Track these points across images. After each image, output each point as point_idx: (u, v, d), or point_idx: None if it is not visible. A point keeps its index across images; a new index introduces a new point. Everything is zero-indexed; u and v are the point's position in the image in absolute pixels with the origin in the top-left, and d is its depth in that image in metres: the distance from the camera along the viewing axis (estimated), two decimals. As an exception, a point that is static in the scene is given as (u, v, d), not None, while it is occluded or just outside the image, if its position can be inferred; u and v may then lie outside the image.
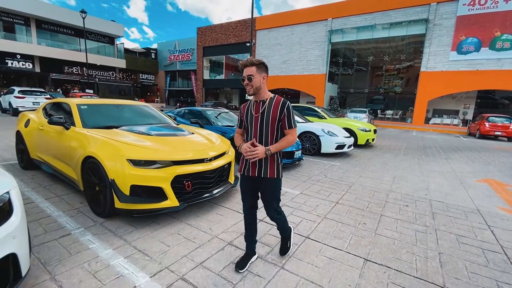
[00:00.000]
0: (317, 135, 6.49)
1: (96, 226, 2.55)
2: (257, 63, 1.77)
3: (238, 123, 2.04)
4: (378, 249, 2.40)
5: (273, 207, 1.95)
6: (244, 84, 1.80)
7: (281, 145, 1.79)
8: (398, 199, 3.80)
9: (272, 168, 1.84)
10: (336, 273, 2.02)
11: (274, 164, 1.84)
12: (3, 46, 25.77)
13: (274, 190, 1.91)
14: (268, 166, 1.83)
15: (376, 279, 1.98)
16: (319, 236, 2.59)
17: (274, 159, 1.85)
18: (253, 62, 1.77)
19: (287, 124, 1.80)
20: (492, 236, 2.79)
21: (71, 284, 1.76)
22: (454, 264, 2.22)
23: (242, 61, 1.79)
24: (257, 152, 1.73)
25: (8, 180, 1.71)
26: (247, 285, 1.84)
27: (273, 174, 1.84)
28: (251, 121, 1.85)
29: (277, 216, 2.00)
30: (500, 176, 5.57)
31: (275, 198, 1.94)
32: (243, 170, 1.92)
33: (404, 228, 2.85)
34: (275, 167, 1.85)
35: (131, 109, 4.05)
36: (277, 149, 1.79)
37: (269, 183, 1.87)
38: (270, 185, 1.88)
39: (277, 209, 1.98)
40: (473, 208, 3.59)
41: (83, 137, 2.93)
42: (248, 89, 1.79)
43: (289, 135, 1.82)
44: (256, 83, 1.77)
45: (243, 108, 1.95)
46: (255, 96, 1.85)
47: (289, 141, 1.81)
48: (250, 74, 1.75)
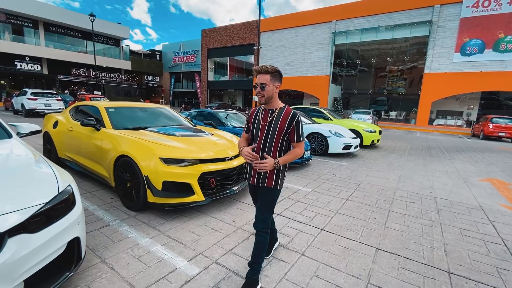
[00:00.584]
0: (325, 136, 6.73)
1: (130, 219, 2.81)
2: (272, 71, 1.69)
3: (245, 127, 1.96)
4: (388, 240, 2.63)
5: (261, 217, 1.81)
6: (255, 92, 1.72)
7: (289, 158, 1.75)
8: (405, 196, 4.03)
9: (270, 178, 1.77)
10: (351, 259, 2.26)
11: (273, 174, 1.77)
12: (12, 49, 26.31)
13: (268, 200, 1.82)
14: (267, 175, 1.77)
15: (387, 264, 2.21)
16: (333, 229, 2.83)
17: (274, 169, 1.76)
18: (268, 69, 1.68)
19: (296, 137, 1.75)
20: (493, 230, 3.01)
21: (121, 266, 2.02)
22: (458, 253, 2.44)
23: (256, 67, 1.71)
24: (265, 165, 1.66)
25: (68, 175, 1.97)
26: (273, 269, 2.09)
27: (271, 184, 1.78)
28: (257, 129, 1.80)
29: (261, 229, 1.81)
30: (502, 175, 5.75)
31: (266, 208, 1.83)
32: (246, 177, 1.91)
33: (411, 222, 3.08)
34: (274, 176, 1.78)
35: (153, 111, 4.32)
36: (285, 162, 1.75)
37: (264, 191, 1.81)
38: (265, 194, 1.82)
39: (264, 221, 1.81)
40: (476, 205, 3.80)
41: (115, 138, 3.20)
42: (259, 98, 1.72)
43: (297, 148, 1.77)
44: (269, 93, 1.70)
45: (251, 114, 1.89)
46: (267, 105, 1.79)
47: (297, 154, 1.77)
48: (264, 83, 1.68)
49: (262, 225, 1.81)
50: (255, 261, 1.82)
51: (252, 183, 1.85)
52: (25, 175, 1.74)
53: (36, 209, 1.51)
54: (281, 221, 2.95)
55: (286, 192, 3.95)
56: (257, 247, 1.82)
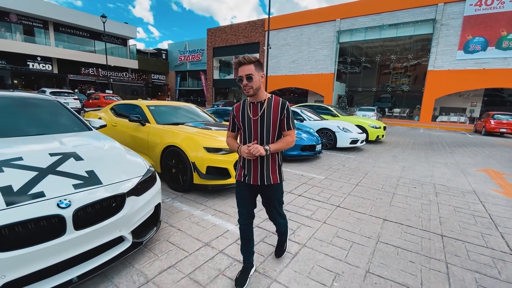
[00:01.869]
0: (333, 131, 7.27)
1: (179, 197, 3.41)
2: (255, 61, 1.61)
3: (230, 126, 1.85)
4: (393, 214, 3.19)
5: (277, 212, 1.92)
6: (242, 85, 1.61)
7: (281, 146, 1.68)
8: (407, 183, 4.57)
9: (274, 174, 1.75)
10: (363, 226, 2.83)
11: (276, 169, 1.76)
12: (24, 49, 27.05)
13: (279, 195, 1.87)
14: (270, 172, 1.73)
15: (392, 230, 2.78)
16: (347, 206, 3.40)
17: (275, 164, 1.75)
18: (251, 59, 1.60)
19: (286, 125, 1.69)
20: (483, 208, 3.56)
21: (185, 228, 2.61)
22: (450, 223, 3.00)
23: (237, 59, 1.60)
24: (256, 149, 1.58)
25: (145, 159, 2.56)
26: (303, 231, 2.66)
27: (276, 180, 1.76)
28: (249, 125, 1.71)
29: (281, 220, 1.98)
30: (498, 167, 6.26)
31: (279, 202, 1.90)
32: (243, 178, 1.79)
33: (412, 202, 3.64)
34: (277, 171, 1.77)
35: (184, 109, 4.90)
36: (276, 150, 1.68)
37: (273, 189, 1.80)
38: (275, 191, 1.82)
39: (281, 213, 1.96)
40: (470, 190, 4.34)
41: (161, 131, 3.79)
42: (247, 90, 1.62)
43: (288, 137, 1.71)
44: (256, 83, 1.61)
45: (236, 110, 1.78)
46: (252, 97, 1.69)
47: (288, 142, 1.70)
48: (250, 74, 1.58)
49: (280, 218, 1.98)
50: (282, 238, 2.17)
51: (254, 183, 1.75)
52: (123, 157, 2.33)
53: (138, 179, 2.11)
54: (302, 200, 3.53)
55: (303, 179, 4.52)
56: (282, 230, 2.08)
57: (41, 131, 2.48)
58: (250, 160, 1.72)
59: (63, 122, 2.77)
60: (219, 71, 35.09)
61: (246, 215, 1.84)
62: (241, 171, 1.81)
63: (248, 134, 1.72)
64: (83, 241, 1.63)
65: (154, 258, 2.11)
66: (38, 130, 2.49)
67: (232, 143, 1.83)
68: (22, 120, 2.53)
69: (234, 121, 1.81)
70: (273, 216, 1.94)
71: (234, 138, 1.88)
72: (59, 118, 2.80)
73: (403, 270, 2.09)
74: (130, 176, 2.05)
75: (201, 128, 3.93)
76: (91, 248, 1.69)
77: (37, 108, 2.77)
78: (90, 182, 1.77)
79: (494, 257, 2.34)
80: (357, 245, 2.45)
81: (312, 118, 8.06)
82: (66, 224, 1.53)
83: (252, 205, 1.87)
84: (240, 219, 1.86)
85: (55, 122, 2.71)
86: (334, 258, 2.22)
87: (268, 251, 2.29)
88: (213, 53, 33.55)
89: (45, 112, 2.78)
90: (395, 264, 2.17)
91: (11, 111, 2.55)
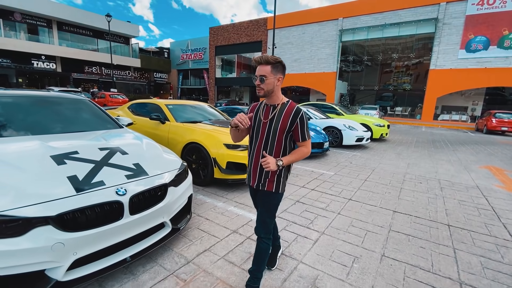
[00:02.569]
0: (339, 129, 7.48)
1: (200, 191, 3.63)
2: (273, 62, 1.53)
3: None
4: (401, 206, 3.41)
5: (262, 222, 1.68)
6: (255, 84, 1.57)
7: (295, 158, 1.59)
8: (413, 178, 4.79)
9: (271, 182, 1.62)
10: (375, 217, 3.04)
11: (274, 178, 1.62)
12: (29, 48, 27.22)
13: (269, 205, 1.67)
14: (268, 178, 1.62)
15: (402, 220, 2.99)
16: (358, 199, 3.62)
17: (275, 172, 1.61)
18: (268, 60, 1.52)
19: (301, 136, 1.58)
20: (486, 201, 3.77)
21: (212, 218, 2.83)
22: (455, 215, 3.21)
23: (256, 57, 1.54)
24: (268, 162, 1.48)
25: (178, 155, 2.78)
26: (320, 221, 2.88)
27: (271, 188, 1.63)
28: (258, 127, 1.64)
29: (263, 235, 1.68)
30: (500, 164, 6.47)
31: (267, 213, 1.68)
32: (248, 179, 1.76)
33: (419, 196, 3.85)
34: (275, 180, 1.62)
35: (199, 108, 5.11)
36: (289, 162, 1.58)
37: (265, 196, 1.67)
38: (265, 198, 1.67)
39: (265, 227, 1.67)
40: (473, 185, 4.55)
41: (181, 129, 4.01)
42: (258, 91, 1.57)
43: (304, 147, 1.61)
44: (269, 86, 1.54)
45: (252, 109, 1.73)
46: (267, 99, 1.64)
47: (304, 153, 1.61)
48: (263, 75, 1.52)
49: (263, 231, 1.68)
50: (256, 268, 1.70)
51: (252, 185, 1.71)
52: (160, 152, 2.54)
53: (176, 172, 2.32)
54: (316, 194, 3.74)
55: (314, 175, 4.74)
56: (259, 254, 1.70)
57: (81, 128, 2.69)
58: (253, 160, 1.68)
59: (97, 119, 2.98)
60: (221, 69, 35.25)
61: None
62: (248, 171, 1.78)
63: (255, 136, 1.66)
64: (135, 225, 1.85)
65: (190, 243, 2.33)
66: (79, 127, 2.70)
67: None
68: (63, 118, 2.74)
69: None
70: (257, 226, 1.70)
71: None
72: (93, 116, 3.02)
73: (415, 254, 2.31)
74: (169, 169, 2.27)
75: (218, 126, 4.14)
76: (140, 232, 1.91)
77: (73, 106, 2.99)
78: (138, 173, 1.99)
79: (498, 244, 2.55)
80: (371, 233, 2.66)
81: (318, 117, 8.27)
82: (123, 209, 1.75)
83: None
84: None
85: (91, 120, 2.92)
86: (352, 244, 2.44)
87: (291, 237, 2.51)
88: (215, 52, 33.69)
89: (81, 111, 2.99)
90: (407, 249, 2.39)
91: (52, 110, 2.76)
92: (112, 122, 3.10)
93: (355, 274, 2.00)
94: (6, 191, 1.50)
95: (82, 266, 1.63)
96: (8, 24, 27.77)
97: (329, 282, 1.91)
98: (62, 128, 2.55)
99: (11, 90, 2.87)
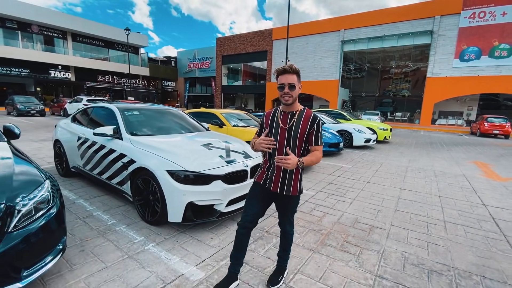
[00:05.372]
0: (350, 132, 8.79)
1: (256, 177, 4.90)
2: (298, 71, 1.65)
3: (258, 130, 1.90)
4: (406, 186, 4.68)
5: (288, 220, 1.90)
6: (283, 93, 1.64)
7: (312, 161, 1.69)
8: (414, 169, 6.07)
9: (295, 185, 1.75)
10: (388, 191, 4.31)
11: (297, 181, 1.75)
12: (46, 58, 28.67)
13: (294, 205, 1.86)
14: (292, 183, 1.73)
15: (408, 194, 4.26)
16: (374, 181, 4.90)
17: (298, 176, 1.75)
18: (296, 70, 1.63)
19: (315, 140, 1.70)
20: (468, 184, 5.04)
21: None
22: (445, 191, 4.49)
23: (285, 66, 1.64)
24: (289, 162, 1.54)
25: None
26: (349, 194, 4.15)
27: (296, 192, 1.75)
28: (276, 132, 1.72)
29: (289, 228, 1.92)
30: (486, 160, 7.75)
31: (292, 212, 1.90)
32: (264, 182, 1.79)
33: (418, 180, 5.13)
34: (298, 183, 1.76)
35: (242, 115, 6.43)
36: (308, 164, 1.68)
37: (290, 200, 1.80)
38: (291, 202, 1.82)
39: (291, 221, 1.93)
40: (461, 174, 5.83)
41: (237, 132, 5.31)
42: (286, 99, 1.66)
43: (318, 152, 1.71)
44: (296, 93, 1.66)
45: (267, 117, 1.81)
46: (286, 107, 1.72)
47: (319, 157, 1.71)
48: (292, 83, 1.62)
49: (289, 226, 1.92)
50: (284, 253, 1.98)
51: (274, 190, 1.75)
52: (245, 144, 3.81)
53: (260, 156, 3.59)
54: (341, 179, 5.02)
55: (335, 167, 6.01)
56: (287, 243, 1.95)
57: (191, 130, 3.97)
58: (275, 166, 1.73)
59: (194, 124, 4.26)
60: (228, 77, 36.80)
61: (250, 218, 1.77)
62: (262, 174, 1.82)
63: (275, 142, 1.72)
64: (249, 185, 3.12)
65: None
66: (190, 129, 3.99)
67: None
68: (176, 123, 4.03)
69: (263, 127, 1.84)
70: (284, 224, 1.92)
71: None
72: (191, 122, 4.30)
73: (415, 209, 3.58)
74: (256, 155, 3.55)
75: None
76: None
77: (176, 115, 4.28)
78: (248, 155, 3.25)
79: (472, 206, 3.82)
80: (386, 200, 3.94)
81: (331, 122, 9.58)
82: (247, 175, 3.02)
83: (261, 210, 1.82)
84: (242, 221, 1.78)
85: (191, 125, 4.20)
86: (374, 204, 3.71)
87: (333, 202, 3.77)
88: (222, 61, 35.28)
89: (182, 118, 4.28)
90: (410, 207, 3.66)
91: (169, 118, 4.06)
92: (201, 126, 4.38)
93: (380, 217, 3.27)
94: (192, 161, 2.76)
95: (230, 205, 2.89)
96: (25, 36, 29.27)
97: (364, 219, 3.18)
98: (181, 129, 3.84)
99: (142, 104, 4.16)
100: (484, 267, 2.29)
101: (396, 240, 2.70)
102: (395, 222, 3.14)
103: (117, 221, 2.86)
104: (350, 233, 2.83)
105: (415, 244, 2.64)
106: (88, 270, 2.02)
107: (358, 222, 3.12)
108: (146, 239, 2.50)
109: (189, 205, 2.56)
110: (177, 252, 2.32)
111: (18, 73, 27.49)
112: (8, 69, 26.69)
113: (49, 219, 1.78)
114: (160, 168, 2.63)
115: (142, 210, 2.89)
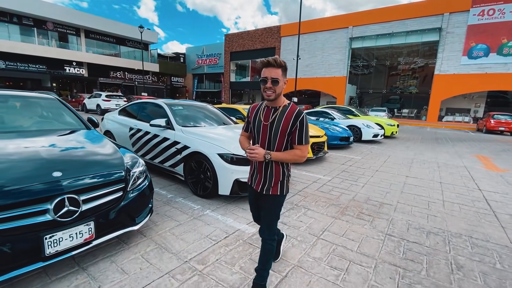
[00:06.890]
0: (359, 127, 9.35)
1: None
2: (284, 65, 1.53)
3: (244, 125, 1.84)
4: (411, 175, 5.27)
5: (267, 225, 1.74)
6: (265, 87, 1.52)
7: (285, 157, 1.57)
8: (419, 161, 6.63)
9: (276, 185, 1.65)
10: (395, 178, 4.91)
11: (278, 181, 1.65)
12: (61, 55, 29.61)
13: (274, 207, 1.72)
14: (272, 182, 1.64)
15: (413, 180, 4.85)
16: (382, 170, 5.49)
17: (279, 175, 1.64)
18: (281, 63, 1.51)
19: (298, 139, 1.57)
20: (468, 173, 5.59)
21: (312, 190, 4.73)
22: (446, 178, 5.06)
23: (268, 59, 1.50)
24: (256, 152, 1.52)
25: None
26: (361, 179, 4.77)
27: (276, 192, 1.66)
28: (259, 129, 1.64)
29: (267, 235, 1.73)
30: (488, 154, 8.24)
31: (274, 215, 1.73)
32: (251, 182, 1.76)
33: (423, 170, 5.70)
34: (279, 183, 1.65)
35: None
36: (279, 158, 1.57)
37: (269, 200, 1.69)
38: (270, 202, 1.70)
39: (271, 228, 1.74)
40: (462, 165, 6.37)
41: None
42: (269, 94, 1.53)
43: (298, 150, 1.58)
44: (280, 89, 1.54)
45: (252, 111, 1.74)
46: (270, 102, 1.60)
47: (297, 156, 1.58)
48: (276, 78, 1.50)
49: (267, 232, 1.74)
50: (262, 267, 1.76)
51: (256, 189, 1.72)
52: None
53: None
54: (353, 168, 5.62)
55: (347, 159, 6.61)
56: (265, 255, 1.75)
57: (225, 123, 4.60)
58: (257, 164, 1.69)
59: (225, 118, 4.89)
60: (236, 74, 37.35)
61: (254, 219, 1.92)
62: (249, 175, 1.79)
63: (257, 138, 1.67)
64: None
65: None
66: (224, 122, 4.62)
67: (243, 141, 1.80)
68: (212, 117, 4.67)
69: (249, 121, 1.78)
70: (262, 229, 1.76)
71: (247, 138, 1.84)
72: (222, 116, 4.94)
73: (419, 191, 4.17)
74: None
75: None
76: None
77: (210, 110, 4.91)
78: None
79: (469, 190, 4.40)
80: (394, 184, 4.54)
81: (341, 117, 10.13)
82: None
83: (257, 211, 1.85)
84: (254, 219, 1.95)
85: (223, 118, 4.83)
86: (383, 188, 4.32)
87: (348, 185, 4.39)
88: (230, 57, 35.80)
89: (215, 113, 4.91)
90: (416, 190, 4.26)
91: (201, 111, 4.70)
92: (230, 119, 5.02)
93: (388, 196, 3.89)
94: (235, 146, 3.37)
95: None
96: (41, 33, 30.21)
97: (375, 198, 3.80)
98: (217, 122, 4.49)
99: (184, 101, 4.81)
100: (472, 231, 2.89)
101: (402, 213, 3.32)
102: (401, 200, 3.75)
103: (174, 195, 3.54)
104: (364, 207, 3.45)
105: (417, 215, 3.26)
106: (168, 225, 2.69)
107: (370, 199, 3.74)
108: (203, 207, 3.17)
109: (235, 181, 3.21)
110: (230, 216, 2.98)
111: (36, 69, 28.51)
112: (26, 65, 27.72)
113: (146, 185, 2.45)
114: (212, 151, 3.28)
115: (194, 186, 3.56)
